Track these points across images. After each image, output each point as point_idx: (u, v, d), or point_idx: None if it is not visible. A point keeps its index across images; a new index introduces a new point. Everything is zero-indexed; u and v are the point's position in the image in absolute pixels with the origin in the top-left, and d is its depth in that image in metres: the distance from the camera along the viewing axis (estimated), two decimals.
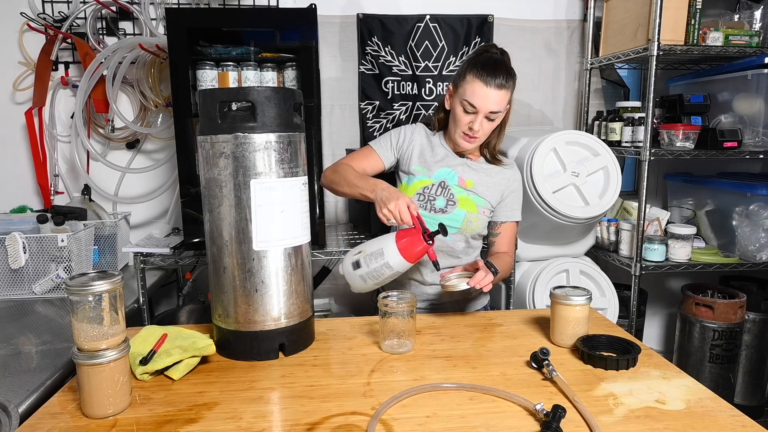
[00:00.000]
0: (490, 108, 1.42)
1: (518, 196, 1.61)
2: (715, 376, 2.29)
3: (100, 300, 0.89)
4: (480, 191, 1.55)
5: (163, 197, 2.40)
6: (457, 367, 1.09)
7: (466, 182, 1.55)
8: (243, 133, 1.06)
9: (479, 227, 1.55)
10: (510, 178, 1.59)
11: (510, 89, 1.45)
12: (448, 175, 1.54)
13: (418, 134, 1.61)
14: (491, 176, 1.57)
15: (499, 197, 1.58)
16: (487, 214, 1.56)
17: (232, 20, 2.03)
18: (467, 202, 1.53)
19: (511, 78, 1.45)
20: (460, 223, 1.52)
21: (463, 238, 1.55)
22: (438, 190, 1.53)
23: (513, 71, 1.47)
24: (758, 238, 2.18)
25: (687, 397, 0.96)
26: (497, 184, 1.57)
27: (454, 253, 1.56)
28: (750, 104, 2.20)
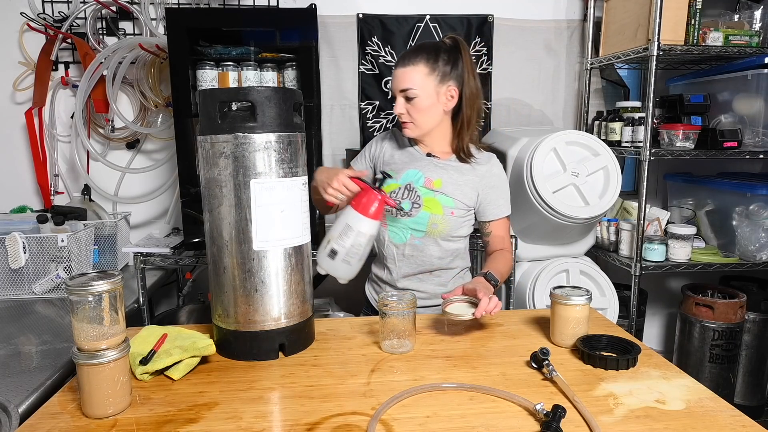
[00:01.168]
0: (399, 86, 1.43)
1: (501, 190, 1.54)
2: (715, 376, 2.29)
3: (100, 300, 0.89)
4: (449, 191, 1.48)
5: (163, 197, 2.40)
6: (457, 367, 1.09)
7: (433, 182, 1.49)
8: (243, 133, 1.06)
9: (447, 229, 1.49)
10: (484, 175, 1.51)
11: (419, 65, 1.40)
12: (415, 176, 1.50)
13: (387, 140, 1.60)
14: (462, 174, 1.51)
15: (475, 196, 1.51)
16: (458, 215, 1.49)
17: (232, 20, 2.03)
18: (432, 204, 1.48)
19: (420, 54, 1.41)
20: (425, 226, 1.48)
21: (433, 241, 1.50)
22: (404, 193, 1.49)
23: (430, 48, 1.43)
24: (758, 238, 2.18)
25: (687, 397, 0.96)
26: (469, 182, 1.50)
27: (429, 260, 1.51)
28: (750, 104, 2.20)
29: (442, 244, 1.51)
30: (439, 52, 1.43)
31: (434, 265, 1.52)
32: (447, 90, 1.44)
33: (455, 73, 1.44)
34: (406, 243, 1.51)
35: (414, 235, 1.50)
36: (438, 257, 1.52)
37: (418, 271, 1.53)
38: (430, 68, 1.42)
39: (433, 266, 1.53)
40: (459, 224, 1.51)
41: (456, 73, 1.44)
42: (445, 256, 1.52)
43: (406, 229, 1.50)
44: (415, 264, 1.52)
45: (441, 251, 1.51)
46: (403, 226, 1.50)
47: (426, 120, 1.46)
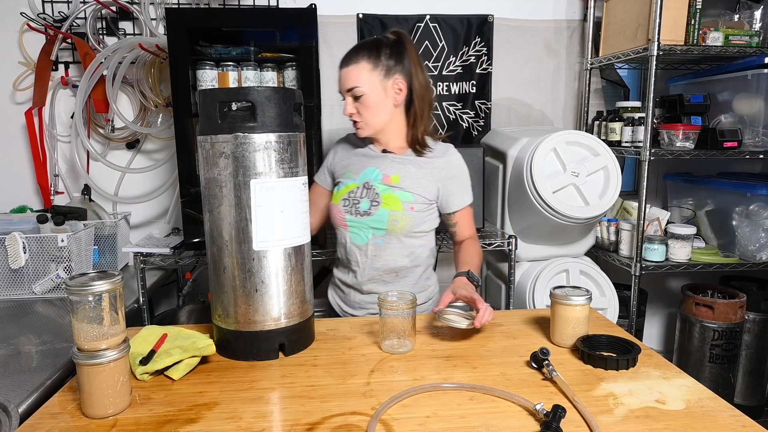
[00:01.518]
0: (345, 86, 1.43)
1: (462, 180, 1.52)
2: (715, 376, 2.29)
3: (100, 300, 0.89)
4: (407, 185, 1.46)
5: (163, 197, 2.40)
6: (457, 367, 1.09)
7: (391, 178, 1.47)
8: (243, 133, 1.06)
9: (409, 225, 1.46)
10: (442, 167, 1.49)
11: (361, 62, 1.40)
12: (372, 174, 1.48)
13: (342, 145, 1.61)
14: (420, 167, 1.49)
15: (435, 189, 1.49)
16: (419, 209, 1.47)
17: (232, 20, 2.03)
18: (391, 200, 1.45)
19: (361, 52, 1.41)
20: (385, 224, 1.45)
21: (396, 239, 1.47)
22: (362, 192, 1.47)
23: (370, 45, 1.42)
24: (758, 238, 2.18)
25: (687, 397, 0.96)
26: (428, 176, 1.48)
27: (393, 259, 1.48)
28: (750, 104, 2.20)
29: (405, 241, 1.48)
30: (381, 47, 1.42)
31: (399, 264, 1.49)
32: (394, 83, 1.43)
33: (400, 67, 1.43)
34: (368, 243, 1.47)
35: (376, 234, 1.47)
36: (402, 256, 1.49)
37: (383, 272, 1.49)
38: (373, 64, 1.41)
39: (397, 265, 1.49)
40: (420, 219, 1.48)
41: (401, 66, 1.43)
42: (409, 254, 1.49)
43: (367, 228, 1.47)
44: (379, 264, 1.48)
45: (404, 249, 1.49)
46: (364, 225, 1.47)
47: (376, 117, 1.45)
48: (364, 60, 1.41)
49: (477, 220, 2.16)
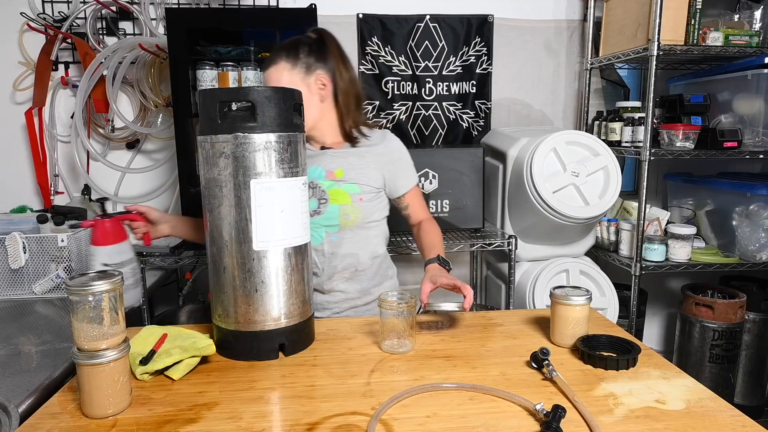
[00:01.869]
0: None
1: (404, 162, 1.53)
2: (715, 376, 2.29)
3: (100, 300, 0.89)
4: (352, 177, 1.46)
5: (163, 197, 2.40)
6: (457, 367, 1.09)
7: (334, 173, 1.46)
8: (243, 133, 1.06)
9: (360, 216, 1.46)
10: (383, 153, 1.49)
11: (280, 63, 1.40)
12: (315, 172, 1.47)
13: None
14: (362, 157, 1.48)
15: (380, 176, 1.49)
16: (367, 199, 1.46)
17: (232, 20, 2.03)
18: (339, 195, 1.45)
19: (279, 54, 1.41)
20: (337, 220, 1.44)
21: (350, 233, 1.46)
22: (309, 192, 1.45)
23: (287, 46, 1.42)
24: (758, 238, 2.18)
25: (687, 397, 0.96)
26: (370, 164, 1.48)
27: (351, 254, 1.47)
28: (750, 104, 2.20)
29: (359, 233, 1.48)
30: (299, 46, 1.42)
31: (357, 257, 1.49)
32: (316, 80, 1.43)
33: (322, 63, 1.43)
34: (323, 242, 1.46)
35: (329, 232, 1.46)
36: (359, 248, 1.48)
37: (343, 268, 1.48)
38: (292, 63, 1.41)
39: (356, 259, 1.49)
40: (371, 209, 1.48)
41: (323, 62, 1.44)
42: (365, 245, 1.49)
43: (319, 228, 1.46)
44: (337, 262, 1.47)
45: (360, 242, 1.48)
46: (316, 225, 1.45)
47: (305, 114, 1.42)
48: (283, 60, 1.41)
49: (477, 220, 2.17)
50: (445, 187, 2.12)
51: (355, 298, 1.51)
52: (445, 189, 2.12)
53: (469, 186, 2.13)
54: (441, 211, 2.14)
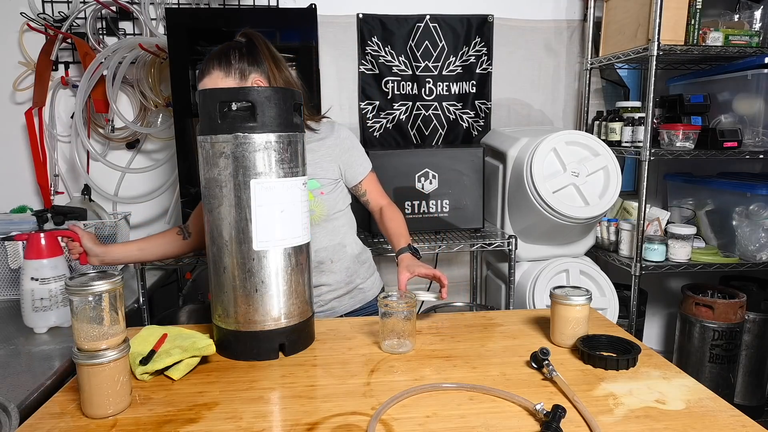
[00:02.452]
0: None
1: (356, 149, 1.54)
2: (715, 376, 2.29)
3: (100, 300, 0.89)
4: (309, 173, 1.44)
5: (163, 197, 2.40)
6: (457, 367, 1.09)
7: None
8: (243, 133, 1.06)
9: (325, 210, 1.47)
10: (335, 144, 1.50)
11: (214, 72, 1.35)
12: None
13: None
14: (315, 152, 1.48)
15: (336, 167, 1.50)
16: (328, 191, 1.48)
17: (232, 20, 2.03)
18: None
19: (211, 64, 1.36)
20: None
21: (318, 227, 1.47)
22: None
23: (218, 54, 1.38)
24: (758, 238, 2.18)
25: (687, 397, 0.96)
26: (324, 157, 1.49)
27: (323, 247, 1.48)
28: (750, 104, 2.20)
29: (327, 226, 1.49)
30: (229, 53, 1.38)
31: (329, 250, 1.50)
32: (253, 83, 1.40)
33: (255, 66, 1.40)
34: None
35: None
36: (329, 240, 1.50)
37: (317, 262, 1.49)
38: (225, 71, 1.36)
39: (328, 252, 1.50)
40: (334, 200, 1.49)
41: (256, 65, 1.40)
42: (335, 236, 1.51)
43: None
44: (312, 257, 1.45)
45: (330, 233, 1.50)
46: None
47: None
48: (216, 70, 1.36)
49: (477, 220, 2.17)
50: (445, 187, 2.12)
51: (337, 288, 1.53)
52: (445, 189, 2.12)
53: (469, 186, 2.13)
54: (441, 211, 2.14)
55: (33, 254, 1.36)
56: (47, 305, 1.37)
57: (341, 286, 1.53)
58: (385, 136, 2.49)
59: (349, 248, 1.55)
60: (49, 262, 1.37)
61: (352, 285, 1.55)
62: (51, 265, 1.38)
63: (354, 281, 1.56)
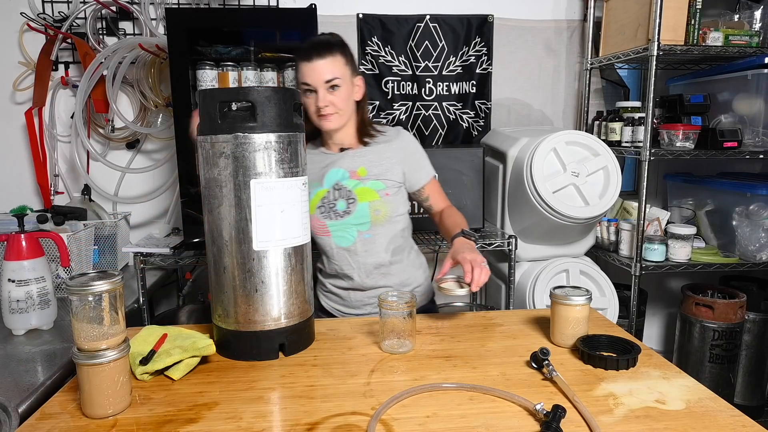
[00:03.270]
0: (323, 78, 1.42)
1: (420, 155, 1.57)
2: (715, 376, 2.29)
3: (100, 300, 0.89)
4: (375, 174, 1.49)
5: (163, 197, 2.40)
6: (457, 367, 1.09)
7: (357, 173, 1.49)
8: (243, 133, 1.06)
9: (390, 210, 1.49)
10: (400, 147, 1.54)
11: (337, 56, 1.43)
12: (337, 174, 1.50)
13: None
14: (381, 153, 1.52)
15: (400, 171, 1.52)
16: (393, 193, 1.50)
17: (232, 20, 2.03)
18: (366, 193, 1.48)
19: (334, 47, 1.43)
20: (368, 217, 1.47)
21: (382, 228, 1.49)
22: (334, 194, 1.49)
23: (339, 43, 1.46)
24: (758, 238, 2.18)
25: (687, 397, 0.96)
26: (390, 159, 1.52)
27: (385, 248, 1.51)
28: (750, 104, 2.20)
29: (390, 227, 1.51)
30: (344, 46, 1.46)
31: (390, 252, 1.52)
32: (356, 80, 1.49)
33: (355, 65, 1.50)
34: (356, 242, 1.49)
35: (361, 231, 1.49)
36: (390, 242, 1.52)
37: (378, 264, 1.51)
38: (346, 59, 1.45)
39: (389, 254, 1.52)
40: (396, 203, 1.52)
41: (355, 64, 1.50)
42: (395, 237, 1.53)
43: (351, 227, 1.48)
44: (371, 259, 1.50)
45: (392, 234, 1.52)
46: (347, 225, 1.48)
47: (347, 109, 1.48)
48: (339, 54, 1.43)
49: (477, 220, 2.17)
50: (445, 187, 2.09)
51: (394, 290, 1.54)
52: (445, 189, 2.08)
53: (469, 186, 2.13)
54: None
55: (13, 256, 1.35)
56: (23, 307, 1.36)
57: (399, 287, 1.55)
58: None
59: (407, 252, 1.58)
60: (29, 264, 1.37)
61: (409, 287, 1.57)
62: (30, 267, 1.37)
63: (410, 284, 1.57)
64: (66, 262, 1.47)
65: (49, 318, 1.43)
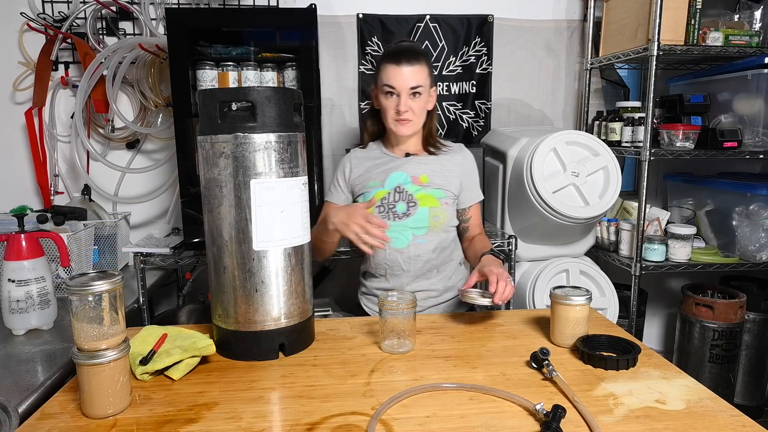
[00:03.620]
0: (408, 84, 1.46)
1: (475, 176, 1.62)
2: (715, 376, 2.29)
3: (100, 300, 0.89)
4: (437, 183, 1.54)
5: (163, 197, 2.40)
6: (457, 367, 1.09)
7: (420, 179, 1.54)
8: (243, 133, 1.06)
9: (447, 219, 1.54)
10: (462, 162, 1.59)
11: (422, 65, 1.48)
12: (400, 177, 1.54)
13: (355, 158, 1.64)
14: (443, 164, 1.57)
15: (458, 183, 1.57)
16: (451, 204, 1.55)
17: (232, 20, 2.03)
18: (427, 199, 1.52)
19: (421, 56, 1.49)
20: (427, 221, 1.50)
21: (436, 235, 1.53)
22: (395, 196, 1.52)
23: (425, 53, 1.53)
24: (758, 238, 2.18)
25: (687, 397, 0.96)
26: (452, 171, 1.57)
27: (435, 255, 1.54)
28: (750, 104, 2.20)
29: (443, 235, 1.55)
30: (428, 56, 1.56)
31: (439, 259, 1.55)
32: (432, 91, 1.54)
33: (433, 77, 1.56)
34: (410, 244, 1.52)
35: (416, 234, 1.52)
36: (441, 249, 1.55)
37: (427, 270, 1.55)
38: (429, 69, 1.52)
39: (437, 261, 1.55)
40: (452, 213, 1.57)
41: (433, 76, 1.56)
42: (446, 247, 1.57)
43: (407, 230, 1.51)
44: (422, 263, 1.54)
45: (443, 243, 1.56)
46: (404, 228, 1.51)
47: (422, 118, 1.54)
48: (425, 64, 1.49)
49: None
50: None
51: (437, 295, 1.58)
52: None
53: None
54: None
55: (13, 256, 1.36)
56: (23, 307, 1.36)
57: (440, 293, 1.58)
58: None
59: (454, 262, 1.61)
60: (29, 264, 1.37)
61: (451, 294, 1.60)
62: (30, 267, 1.37)
63: (453, 289, 1.61)
64: (66, 262, 1.47)
65: (49, 318, 1.43)
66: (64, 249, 1.48)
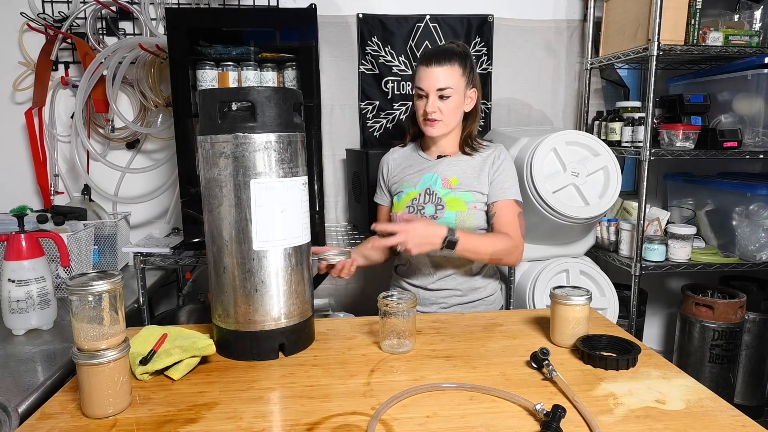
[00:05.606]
0: (436, 85, 1.46)
1: (508, 174, 1.56)
2: (715, 376, 2.29)
3: (100, 300, 0.89)
4: (466, 185, 1.54)
5: (163, 197, 2.40)
6: (457, 367, 1.09)
7: (450, 181, 1.55)
8: (243, 133, 1.06)
9: (476, 223, 1.54)
10: (489, 158, 1.58)
11: (455, 65, 1.47)
12: (431, 179, 1.55)
13: (392, 158, 1.67)
14: (475, 164, 1.58)
15: (487, 181, 1.56)
16: (480, 207, 1.55)
17: (232, 20, 2.03)
18: (455, 203, 1.52)
19: (455, 56, 1.48)
20: (453, 226, 1.51)
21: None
22: (425, 198, 1.54)
23: (461, 53, 1.50)
24: (758, 238, 2.18)
25: (687, 397, 0.96)
26: (482, 170, 1.56)
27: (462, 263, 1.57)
28: (750, 104, 2.20)
29: None
30: (465, 57, 1.51)
31: (466, 262, 1.57)
32: (470, 93, 1.53)
33: (473, 77, 1.53)
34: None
35: None
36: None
37: (453, 273, 1.57)
38: (463, 70, 1.50)
39: (468, 263, 1.57)
40: (482, 217, 1.55)
41: (474, 78, 1.54)
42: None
43: None
44: (450, 265, 1.55)
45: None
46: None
47: (453, 119, 1.53)
48: (457, 64, 1.48)
49: None
50: None
51: (463, 295, 1.59)
52: None
53: None
54: None
55: (13, 256, 1.36)
56: (23, 307, 1.36)
57: (468, 293, 1.59)
58: (385, 136, 2.49)
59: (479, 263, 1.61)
60: (29, 264, 1.37)
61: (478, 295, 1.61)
62: (30, 267, 1.37)
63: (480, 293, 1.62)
64: (66, 262, 1.47)
65: (49, 318, 1.43)
66: (64, 249, 1.48)
